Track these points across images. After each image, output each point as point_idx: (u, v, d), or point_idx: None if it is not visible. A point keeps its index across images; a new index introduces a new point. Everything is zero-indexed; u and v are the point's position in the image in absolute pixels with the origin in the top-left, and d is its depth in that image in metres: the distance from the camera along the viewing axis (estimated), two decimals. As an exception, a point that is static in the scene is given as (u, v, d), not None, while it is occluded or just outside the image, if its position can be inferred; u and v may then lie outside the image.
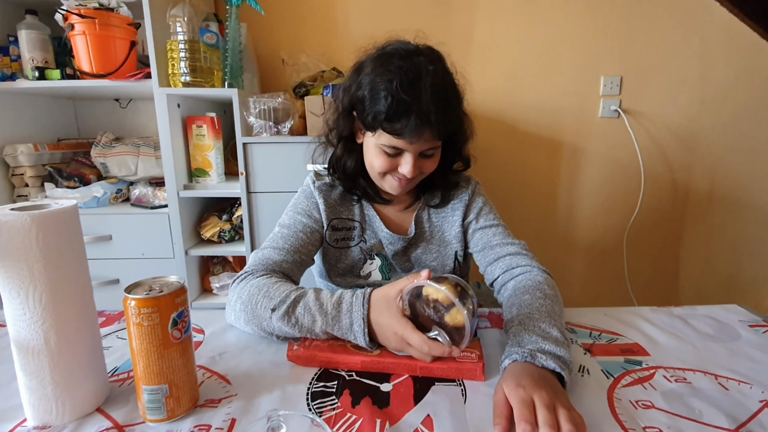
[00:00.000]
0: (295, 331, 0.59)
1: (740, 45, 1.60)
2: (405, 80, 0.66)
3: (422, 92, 0.66)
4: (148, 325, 0.44)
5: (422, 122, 0.67)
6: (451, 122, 0.72)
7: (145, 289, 0.46)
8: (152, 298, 0.44)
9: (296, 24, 1.64)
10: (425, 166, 0.76)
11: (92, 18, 1.23)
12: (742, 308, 0.76)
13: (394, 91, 0.66)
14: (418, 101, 0.66)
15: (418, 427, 0.46)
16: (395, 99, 0.66)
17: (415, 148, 0.71)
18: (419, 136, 0.69)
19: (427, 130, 0.68)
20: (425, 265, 0.85)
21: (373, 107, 0.69)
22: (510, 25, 1.62)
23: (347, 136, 0.79)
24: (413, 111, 0.66)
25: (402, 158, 0.73)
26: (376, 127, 0.70)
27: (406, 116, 0.66)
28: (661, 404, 0.50)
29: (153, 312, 0.44)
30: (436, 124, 0.68)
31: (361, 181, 0.82)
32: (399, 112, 0.66)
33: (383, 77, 0.68)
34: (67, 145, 1.56)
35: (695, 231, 1.78)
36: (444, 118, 0.69)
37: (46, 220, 0.43)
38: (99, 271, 1.38)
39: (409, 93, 0.66)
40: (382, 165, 0.74)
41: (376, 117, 0.69)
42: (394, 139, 0.70)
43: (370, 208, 0.85)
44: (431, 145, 0.72)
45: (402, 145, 0.70)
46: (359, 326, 0.56)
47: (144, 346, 0.45)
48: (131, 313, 0.44)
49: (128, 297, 0.44)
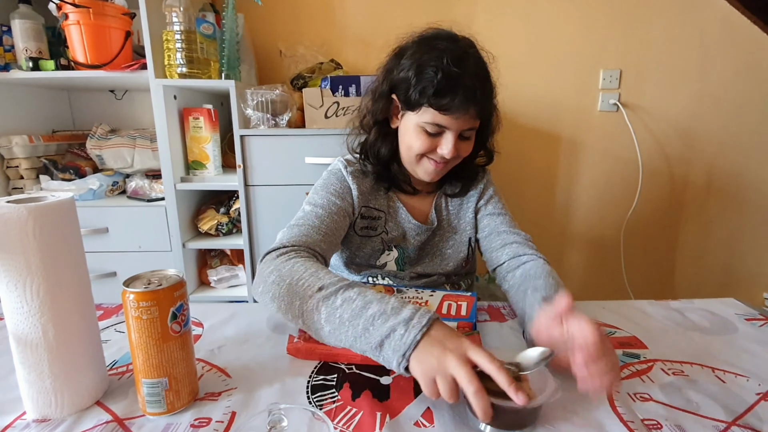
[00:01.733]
0: (332, 318, 0.50)
1: (740, 39, 1.60)
2: (453, 57, 0.69)
3: (468, 69, 0.69)
4: (147, 318, 0.44)
5: (468, 98, 0.69)
6: (490, 103, 0.75)
7: (143, 283, 0.45)
8: (151, 292, 0.44)
9: (294, 15, 1.62)
10: (463, 149, 0.76)
11: (86, 7, 1.21)
12: (739, 302, 0.77)
13: (444, 66, 0.68)
14: (465, 77, 0.68)
15: (419, 419, 0.46)
16: (445, 74, 0.68)
17: (459, 125, 0.72)
18: (465, 112, 0.70)
19: (472, 106, 0.70)
20: (442, 253, 0.86)
21: (419, 84, 0.70)
22: (509, 19, 1.61)
23: (382, 120, 0.80)
24: (461, 86, 0.68)
25: (442, 138, 0.74)
26: (422, 103, 0.71)
27: (453, 91, 0.68)
28: (659, 397, 0.50)
29: (152, 305, 0.44)
30: (481, 101, 0.71)
31: (394, 167, 0.82)
32: (447, 86, 0.68)
33: (431, 54, 0.70)
34: (62, 136, 1.55)
35: (692, 225, 1.79)
36: (486, 97, 0.72)
37: (43, 212, 0.43)
38: (96, 264, 1.37)
39: (457, 68, 0.68)
40: (422, 145, 0.74)
41: (423, 92, 0.70)
42: (439, 116, 0.71)
43: (396, 200, 0.85)
44: (472, 125, 0.74)
45: (446, 122, 0.71)
46: (419, 321, 0.46)
47: (143, 340, 0.44)
48: (130, 306, 0.44)
49: (127, 290, 0.44)
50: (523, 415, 0.44)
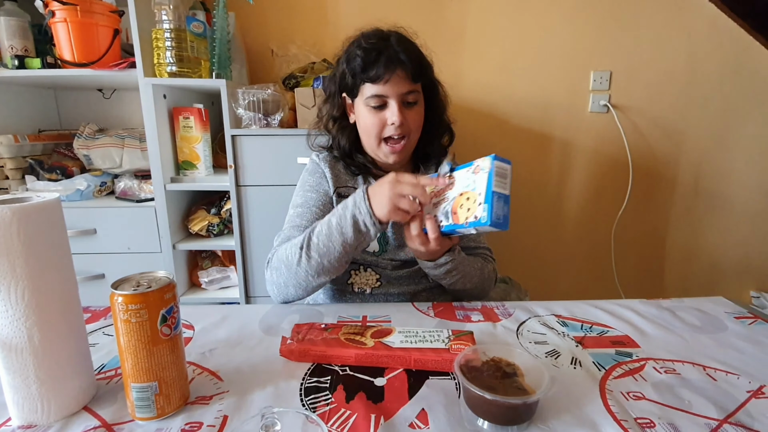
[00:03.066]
0: (322, 256, 0.68)
1: (727, 42, 1.62)
2: (370, 34, 0.80)
3: (389, 40, 0.78)
4: (136, 321, 0.43)
5: (392, 61, 0.76)
6: (422, 66, 0.80)
7: (132, 285, 0.44)
8: (140, 294, 0.43)
9: (286, 14, 1.61)
10: (411, 117, 0.81)
11: (74, 5, 1.19)
12: (729, 300, 0.78)
13: (363, 44, 0.78)
14: (386, 46, 0.77)
15: (413, 421, 0.46)
16: (365, 49, 0.77)
17: (395, 90, 0.77)
18: (394, 73, 0.76)
19: (399, 67, 0.76)
20: None
21: (350, 68, 0.79)
22: (501, 20, 1.62)
23: (340, 116, 0.88)
24: (383, 53, 0.76)
25: (388, 110, 0.79)
26: (358, 83, 0.79)
27: (377, 59, 0.76)
28: (651, 395, 0.51)
29: (141, 308, 0.43)
30: (408, 62, 0.77)
31: (358, 157, 0.88)
32: (370, 57, 0.76)
33: (354, 43, 0.81)
34: (48, 136, 1.51)
35: (680, 224, 1.82)
36: (413, 58, 0.78)
37: (28, 213, 0.41)
38: (84, 266, 1.35)
39: (376, 41, 0.78)
40: (373, 122, 0.80)
41: (354, 75, 0.78)
42: (375, 86, 0.77)
43: (371, 181, 0.87)
44: (410, 88, 0.79)
45: (382, 90, 0.77)
46: (360, 197, 0.66)
47: (132, 343, 0.43)
48: (118, 309, 0.43)
49: (115, 293, 0.43)
50: (520, 410, 0.44)
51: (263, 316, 0.71)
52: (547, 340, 0.64)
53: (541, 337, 0.65)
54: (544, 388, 0.44)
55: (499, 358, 0.50)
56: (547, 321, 0.69)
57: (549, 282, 1.84)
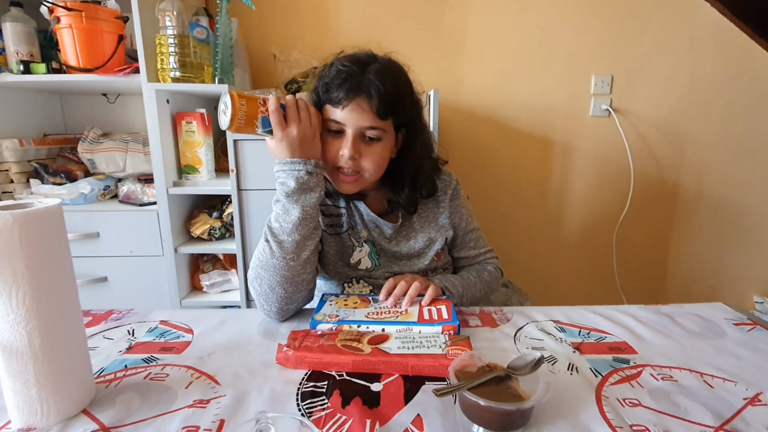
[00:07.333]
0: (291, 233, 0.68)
1: (729, 45, 1.62)
2: (346, 58, 0.72)
3: (366, 67, 0.70)
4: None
5: (358, 89, 0.68)
6: (394, 102, 0.70)
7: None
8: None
9: (288, 19, 1.62)
10: (367, 154, 0.73)
11: (79, 11, 1.21)
12: (728, 306, 0.77)
13: (339, 64, 0.71)
14: (359, 73, 0.69)
15: (408, 427, 0.46)
16: (337, 70, 0.70)
17: (355, 121, 0.70)
18: (352, 101, 0.68)
19: (365, 100, 0.69)
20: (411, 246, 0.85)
21: (320, 86, 0.73)
22: (502, 24, 1.62)
23: None
24: (350, 79, 0.69)
25: (344, 139, 0.72)
26: (322, 103, 0.73)
27: (342, 84, 0.69)
28: (647, 402, 0.50)
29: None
30: (376, 95, 0.68)
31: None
32: (337, 81, 0.69)
33: (334, 61, 0.74)
34: (53, 140, 1.53)
35: (683, 229, 1.81)
36: (385, 93, 0.68)
37: (29, 219, 0.42)
38: (86, 269, 1.36)
39: (351, 65, 0.70)
40: (328, 148, 0.73)
41: (318, 93, 0.73)
42: (334, 110, 0.71)
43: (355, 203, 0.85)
44: (372, 123, 0.70)
45: (340, 117, 0.70)
46: (279, 168, 0.70)
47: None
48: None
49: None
50: (514, 416, 0.45)
51: (262, 320, 0.71)
52: (544, 345, 0.64)
53: (539, 342, 0.65)
54: (539, 395, 0.44)
55: (495, 363, 0.51)
56: (545, 326, 0.69)
57: (551, 287, 1.84)
